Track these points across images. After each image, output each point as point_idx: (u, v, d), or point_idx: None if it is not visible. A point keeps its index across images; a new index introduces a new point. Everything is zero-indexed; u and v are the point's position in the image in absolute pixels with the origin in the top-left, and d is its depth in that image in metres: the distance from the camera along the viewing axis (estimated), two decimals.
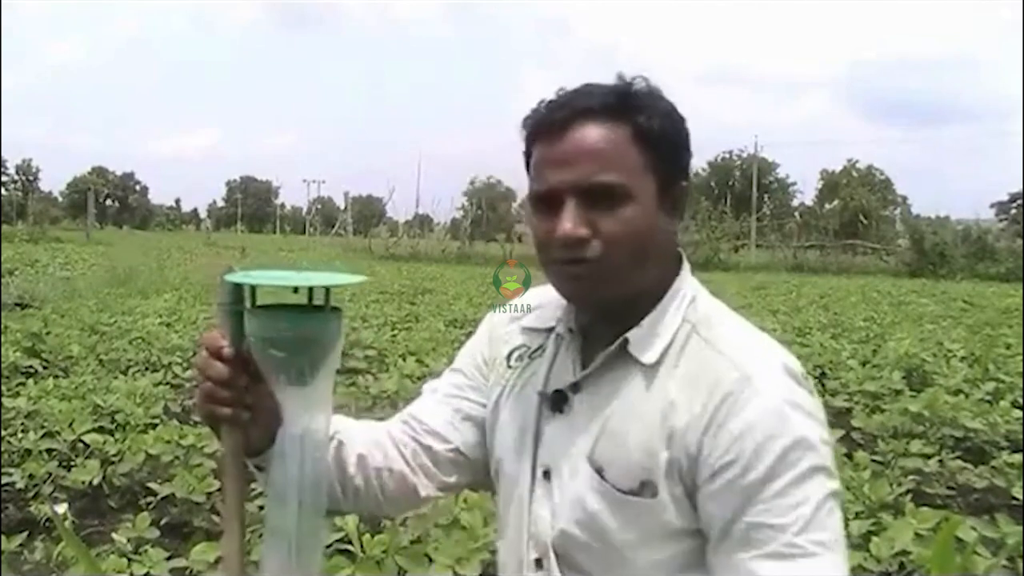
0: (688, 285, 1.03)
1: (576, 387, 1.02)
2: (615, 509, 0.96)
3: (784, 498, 0.88)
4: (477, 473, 1.15)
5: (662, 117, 0.97)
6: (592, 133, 0.95)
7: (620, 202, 0.94)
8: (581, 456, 0.99)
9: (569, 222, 0.94)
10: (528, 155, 1.02)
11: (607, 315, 1.02)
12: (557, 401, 1.03)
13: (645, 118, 0.96)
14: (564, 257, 0.96)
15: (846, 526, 2.79)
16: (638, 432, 0.96)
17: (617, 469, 0.96)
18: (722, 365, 0.94)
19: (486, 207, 42.97)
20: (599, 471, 0.97)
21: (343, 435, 1.08)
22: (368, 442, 1.10)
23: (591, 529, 0.98)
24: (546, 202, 0.97)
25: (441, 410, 1.14)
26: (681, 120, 1.00)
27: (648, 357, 0.98)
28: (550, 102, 0.99)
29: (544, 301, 1.12)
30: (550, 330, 1.09)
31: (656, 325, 0.99)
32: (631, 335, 0.99)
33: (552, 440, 1.03)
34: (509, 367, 1.11)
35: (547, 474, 1.03)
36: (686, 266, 1.04)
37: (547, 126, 0.98)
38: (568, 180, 0.95)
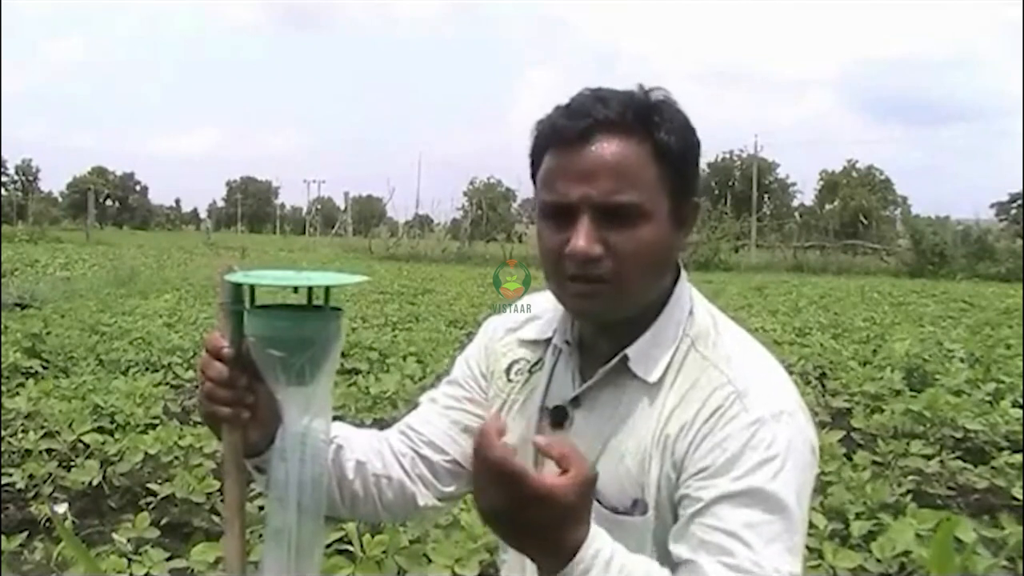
0: (686, 294, 1.02)
1: (576, 402, 1.01)
2: (607, 528, 0.95)
3: (744, 509, 0.87)
4: None
5: (679, 133, 0.95)
6: (612, 148, 0.92)
7: (636, 222, 0.92)
8: None
9: (583, 239, 0.91)
10: (536, 160, 0.98)
11: (607, 328, 1.00)
12: (558, 417, 1.02)
13: (664, 134, 0.93)
14: (575, 274, 0.93)
15: (846, 526, 2.81)
16: (635, 449, 0.96)
17: (612, 488, 0.96)
18: (717, 380, 0.94)
19: (486, 207, 42.74)
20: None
21: (342, 440, 1.08)
22: (367, 449, 1.10)
23: None
24: (558, 214, 0.94)
25: (439, 421, 1.13)
26: (694, 133, 0.98)
27: (650, 375, 0.97)
28: (566, 108, 0.95)
29: (541, 310, 1.11)
30: (548, 341, 1.08)
31: (655, 341, 0.98)
32: (630, 351, 0.97)
33: None
34: (509, 381, 1.10)
35: None
36: (683, 274, 1.03)
37: (564, 134, 0.93)
38: (585, 195, 0.92)
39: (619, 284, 0.93)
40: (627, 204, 0.92)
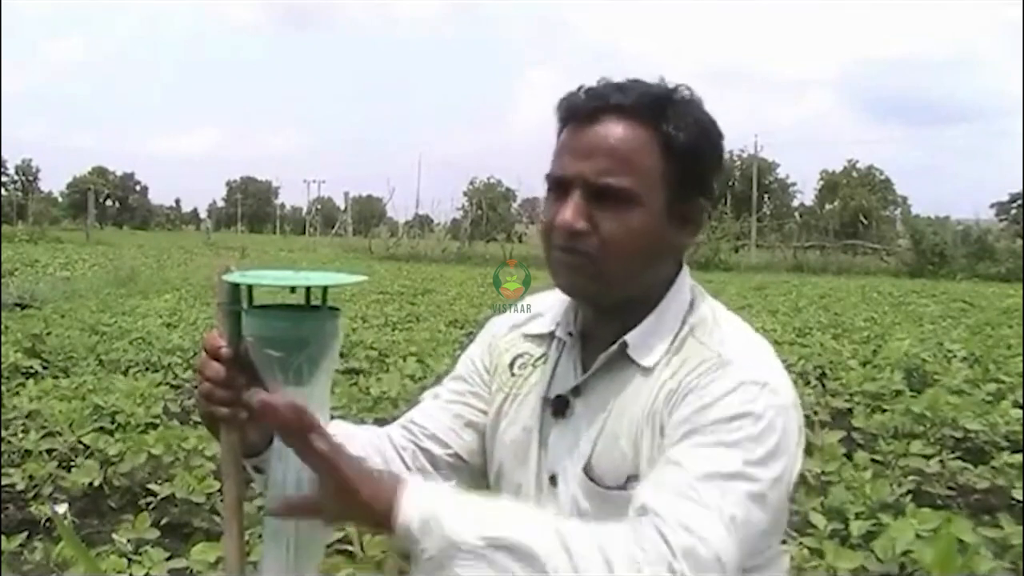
0: (686, 287, 1.03)
1: (577, 391, 1.03)
2: (602, 506, 0.97)
3: (701, 450, 0.87)
4: (477, 478, 1.15)
5: (693, 129, 0.96)
6: (616, 131, 0.95)
7: (626, 206, 0.94)
8: (581, 460, 1.00)
9: (570, 213, 0.95)
10: (559, 136, 1.02)
11: (605, 316, 1.02)
12: (559, 406, 1.03)
13: (674, 127, 0.95)
14: (561, 245, 0.96)
15: (846, 526, 2.80)
16: (628, 429, 0.97)
17: (607, 470, 0.97)
18: (707, 354, 0.95)
19: (486, 207, 42.76)
20: (589, 470, 0.98)
21: (342, 438, 1.07)
22: (367, 445, 1.10)
23: None
24: (557, 187, 0.98)
25: (442, 415, 1.14)
26: (716, 136, 0.99)
27: (647, 360, 0.98)
28: (589, 89, 0.99)
29: (545, 307, 1.12)
30: (551, 334, 1.09)
31: (654, 329, 1.00)
32: (629, 338, 0.99)
33: (556, 446, 1.03)
34: (512, 375, 1.10)
35: (553, 479, 1.03)
36: (685, 269, 1.05)
37: (575, 113, 0.98)
38: (579, 172, 0.95)
39: (601, 264, 0.95)
40: (617, 187, 0.94)
